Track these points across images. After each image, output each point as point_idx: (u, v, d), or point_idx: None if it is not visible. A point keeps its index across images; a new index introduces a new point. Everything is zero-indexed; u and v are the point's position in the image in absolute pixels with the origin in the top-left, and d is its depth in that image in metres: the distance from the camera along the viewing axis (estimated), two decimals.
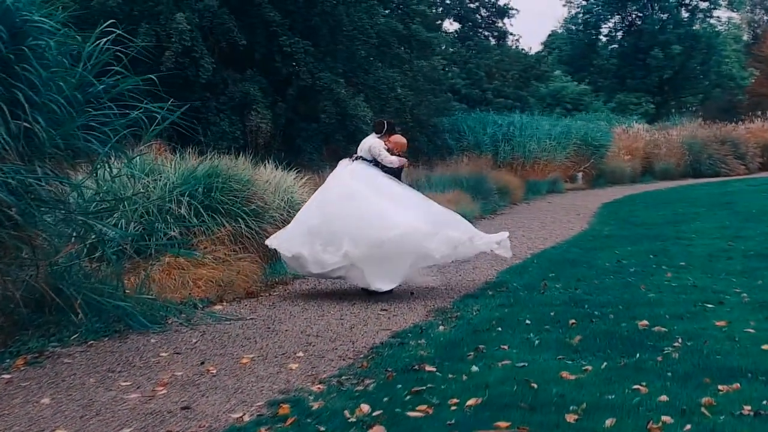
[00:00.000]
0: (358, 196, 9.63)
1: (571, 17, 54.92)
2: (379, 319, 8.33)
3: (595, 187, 29.82)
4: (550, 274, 10.46)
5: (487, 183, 21.54)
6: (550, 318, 7.73)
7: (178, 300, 9.19)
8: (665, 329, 7.03)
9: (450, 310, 8.60)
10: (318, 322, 8.22)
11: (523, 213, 20.80)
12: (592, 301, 8.52)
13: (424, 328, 7.71)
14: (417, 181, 20.55)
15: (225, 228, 10.74)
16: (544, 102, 43.42)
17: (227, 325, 8.19)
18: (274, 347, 7.18)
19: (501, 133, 29.57)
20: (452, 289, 9.96)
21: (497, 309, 8.40)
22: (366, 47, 21.87)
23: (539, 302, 8.60)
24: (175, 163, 11.35)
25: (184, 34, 18.55)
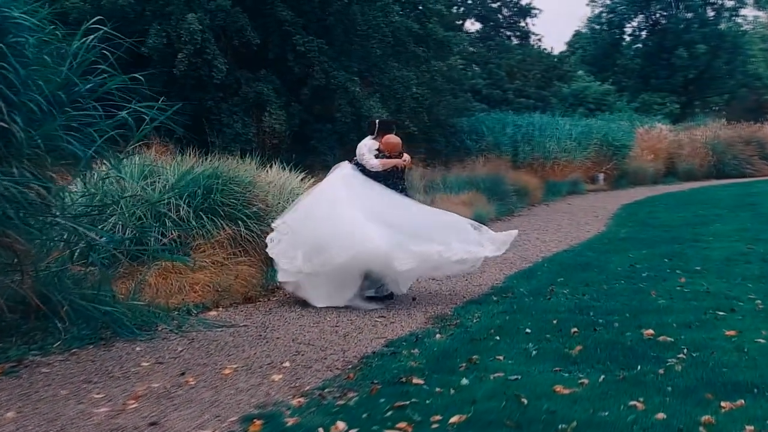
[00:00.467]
0: (329, 208, 9.33)
1: (594, 16, 54.35)
2: (375, 326, 8.02)
3: (616, 188, 29.32)
4: (558, 279, 10.10)
5: (503, 184, 21.17)
6: (552, 326, 7.39)
7: (173, 305, 8.96)
8: (671, 339, 6.67)
9: (450, 317, 8.28)
10: (312, 330, 7.92)
11: (540, 214, 20.41)
12: (599, 308, 8.16)
13: (420, 336, 7.39)
14: (432, 183, 20.30)
15: (224, 231, 10.43)
16: (567, 102, 42.93)
17: (218, 332, 7.90)
18: (262, 356, 6.88)
19: (521, 133, 29.19)
20: (456, 294, 9.64)
21: (499, 316, 8.06)
22: (381, 46, 21.54)
23: (543, 309, 8.25)
24: (174, 164, 11.04)
25: (196, 35, 18.32)
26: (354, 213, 9.02)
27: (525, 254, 12.80)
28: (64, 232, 7.89)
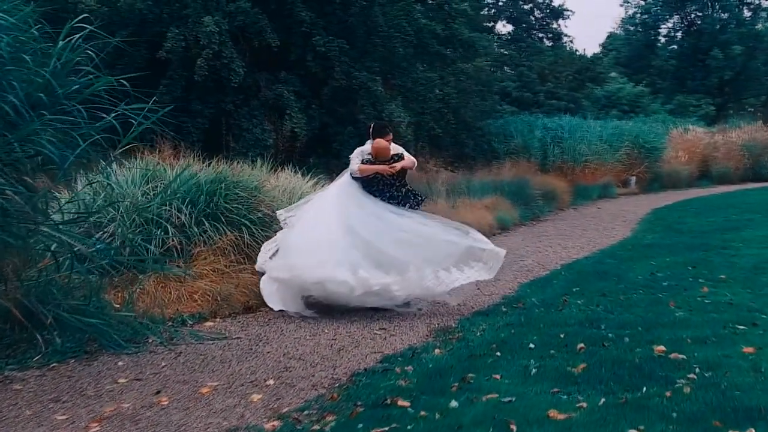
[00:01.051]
0: (313, 214, 9.29)
1: (628, 17, 53.58)
2: (374, 339, 7.61)
3: (648, 191, 28.70)
4: (574, 289, 9.64)
5: (529, 188, 20.65)
6: (559, 341, 6.93)
7: (168, 315, 8.61)
8: (683, 356, 6.19)
9: (453, 329, 7.85)
10: (307, 343, 7.52)
11: (567, 219, 19.90)
12: (611, 321, 7.69)
13: (418, 351, 6.98)
14: (456, 186, 19.84)
15: (227, 237, 10.06)
16: (600, 104, 42.32)
17: (209, 345, 7.53)
18: (246, 373, 6.49)
19: (550, 136, 28.67)
20: (465, 304, 9.20)
21: (504, 329, 7.62)
22: (404, 46, 21.09)
23: (552, 322, 7.79)
24: (177, 169, 10.69)
25: (213, 37, 18.00)
26: (325, 228, 8.91)
27: (544, 261, 12.33)
28: (50, 241, 7.54)
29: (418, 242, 8.85)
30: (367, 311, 8.72)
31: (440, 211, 16.36)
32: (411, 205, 9.25)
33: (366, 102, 20.59)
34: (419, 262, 8.66)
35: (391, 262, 8.65)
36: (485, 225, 16.39)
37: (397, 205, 9.15)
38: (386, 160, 9.19)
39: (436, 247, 8.86)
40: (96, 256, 7.95)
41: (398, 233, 8.88)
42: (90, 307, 7.75)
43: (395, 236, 8.85)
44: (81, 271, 7.67)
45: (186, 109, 19.15)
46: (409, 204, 9.23)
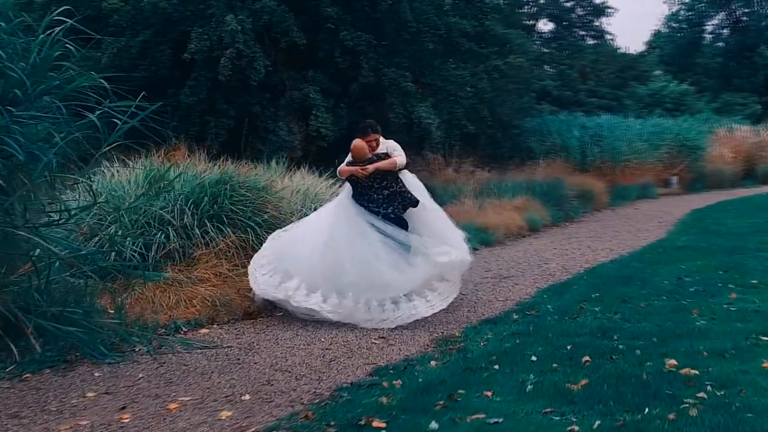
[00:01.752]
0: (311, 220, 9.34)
1: (671, 15, 52.47)
2: (370, 350, 7.14)
3: (690, 191, 27.89)
4: (594, 294, 9.09)
5: (563, 188, 19.99)
6: (564, 353, 6.41)
7: (163, 322, 8.23)
8: (696, 372, 5.64)
9: (457, 339, 7.36)
10: (299, 353, 7.08)
11: (602, 220, 19.26)
12: (626, 331, 7.15)
13: (413, 363, 6.50)
14: (485, 187, 19.32)
15: (230, 239, 9.65)
16: (643, 103, 41.36)
17: (197, 354, 7.13)
18: (225, 386, 6.06)
19: (588, 134, 27.98)
20: (476, 310, 8.72)
21: (509, 339, 7.11)
22: (433, 42, 20.53)
23: (563, 331, 7.26)
24: (181, 169, 10.30)
25: (237, 36, 17.63)
26: (309, 241, 8.75)
27: (568, 264, 11.77)
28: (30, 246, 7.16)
29: (369, 269, 8.36)
30: None
31: (466, 212, 15.90)
32: (395, 209, 8.67)
33: (395, 100, 20.08)
34: (360, 290, 8.26)
35: (347, 285, 8.29)
36: (513, 227, 15.90)
37: (377, 208, 8.66)
38: (363, 161, 8.71)
39: (379, 277, 8.34)
40: (78, 261, 7.51)
41: (365, 254, 8.42)
42: (78, 314, 7.36)
43: (361, 258, 8.40)
44: (60, 277, 7.26)
45: (211, 110, 18.84)
46: (393, 208, 8.66)
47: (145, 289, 8.85)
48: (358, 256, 8.29)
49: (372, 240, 8.38)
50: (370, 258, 8.29)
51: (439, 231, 8.79)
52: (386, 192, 8.67)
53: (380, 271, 8.25)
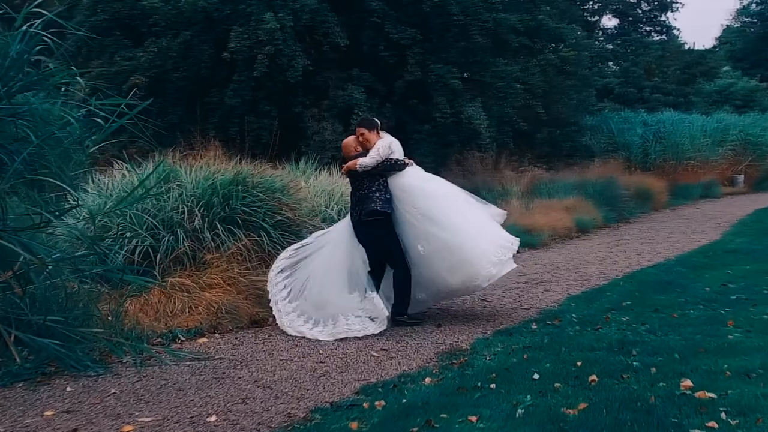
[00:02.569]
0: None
1: (743, 8, 50.82)
2: (367, 363, 6.59)
3: (757, 190, 26.87)
4: (625, 303, 8.43)
5: (617, 188, 19.18)
6: (571, 371, 5.78)
7: (161, 330, 7.81)
8: (712, 395, 4.97)
9: (464, 351, 6.78)
10: (289, 366, 6.57)
11: (658, 221, 18.47)
12: (648, 345, 6.49)
13: (406, 380, 5.94)
14: (537, 187, 18.66)
15: (241, 243, 9.16)
16: (710, 99, 40.04)
17: (184, 367, 6.67)
18: (197, 404, 5.57)
19: (651, 132, 27.09)
20: (495, 318, 8.14)
21: (518, 353, 6.49)
22: (482, 35, 19.85)
23: (578, 345, 6.63)
24: (194, 169, 9.85)
25: (275, 34, 17.23)
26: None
27: (608, 268, 11.09)
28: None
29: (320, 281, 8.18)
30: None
31: (512, 213, 15.22)
32: (360, 214, 8.09)
33: (442, 99, 19.50)
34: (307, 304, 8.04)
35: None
36: (561, 228, 15.24)
37: (353, 211, 8.28)
38: (349, 158, 8.27)
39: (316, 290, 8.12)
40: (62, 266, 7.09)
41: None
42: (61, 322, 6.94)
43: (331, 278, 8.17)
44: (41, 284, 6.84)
45: (254, 111, 18.50)
46: (359, 213, 8.12)
47: (151, 295, 8.45)
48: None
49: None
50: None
51: (445, 245, 7.89)
52: (358, 194, 8.18)
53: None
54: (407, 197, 8.03)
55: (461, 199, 8.31)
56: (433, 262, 7.86)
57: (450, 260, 7.81)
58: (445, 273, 7.85)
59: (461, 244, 7.83)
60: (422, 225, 7.91)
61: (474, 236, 7.97)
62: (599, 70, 35.89)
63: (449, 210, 8.06)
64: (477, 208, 8.36)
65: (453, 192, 8.38)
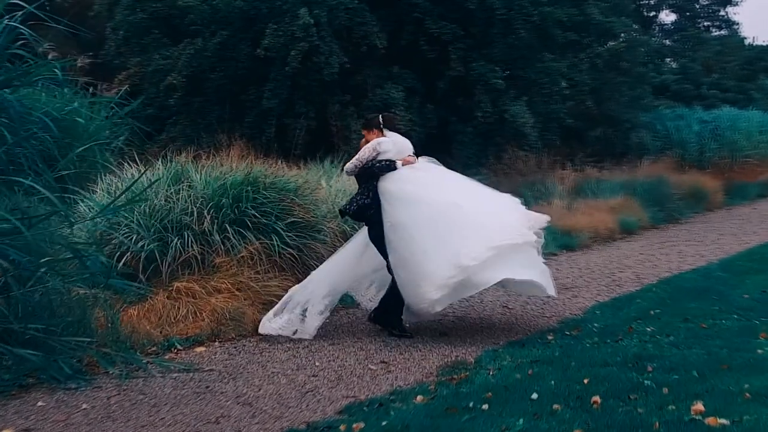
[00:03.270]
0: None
1: None
2: (361, 378, 6.13)
3: None
4: (654, 311, 7.87)
5: (666, 187, 18.43)
6: (576, 390, 5.26)
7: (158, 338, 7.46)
8: (724, 421, 4.42)
9: (467, 365, 6.29)
10: (280, 380, 6.14)
11: (710, 222, 17.70)
12: (666, 360, 5.93)
13: (396, 398, 5.48)
14: (582, 186, 18.04)
15: (252, 246, 8.77)
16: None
17: (169, 380, 6.30)
18: (165, 424, 5.18)
19: (708, 129, 26.19)
20: (511, 329, 7.63)
21: (525, 367, 5.97)
22: (526, 30, 19.21)
23: (590, 360, 6.08)
24: (206, 170, 9.48)
25: (310, 30, 16.82)
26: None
27: (645, 272, 10.51)
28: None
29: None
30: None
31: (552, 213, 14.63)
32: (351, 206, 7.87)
33: (484, 98, 18.90)
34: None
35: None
36: (604, 229, 14.62)
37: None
38: None
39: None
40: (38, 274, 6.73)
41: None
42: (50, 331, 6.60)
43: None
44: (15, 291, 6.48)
45: (290, 111, 18.13)
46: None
47: (156, 300, 8.12)
48: None
49: None
50: None
51: (401, 258, 7.31)
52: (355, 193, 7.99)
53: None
54: (384, 201, 7.55)
55: (450, 204, 7.45)
56: (396, 274, 7.34)
57: (402, 276, 7.27)
58: (400, 288, 7.31)
59: (411, 260, 7.22)
60: (389, 233, 7.39)
61: (431, 251, 7.17)
62: (656, 66, 34.96)
63: (418, 218, 7.34)
64: (479, 214, 7.44)
65: (441, 198, 7.55)
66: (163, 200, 9.08)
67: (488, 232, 7.17)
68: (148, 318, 7.95)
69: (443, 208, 7.37)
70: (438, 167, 8.08)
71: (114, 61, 20.66)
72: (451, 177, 8.03)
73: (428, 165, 7.97)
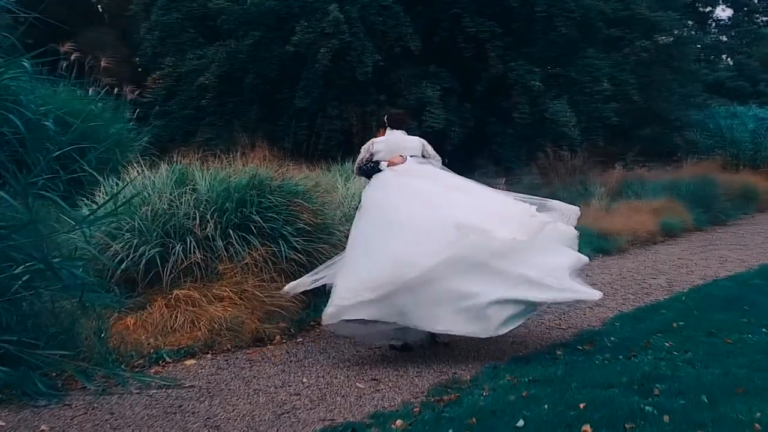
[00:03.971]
0: None
1: None
2: (346, 398, 5.69)
3: None
4: (678, 323, 7.30)
5: (712, 188, 17.70)
6: (567, 417, 4.73)
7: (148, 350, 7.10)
8: None
9: (461, 384, 5.81)
10: (259, 399, 5.73)
11: (758, 224, 17.15)
12: (677, 381, 5.37)
13: (373, 423, 5.02)
14: (624, 187, 17.43)
15: (258, 252, 8.36)
16: None
17: (145, 397, 5.92)
18: None
19: (764, 127, 25.40)
20: (522, 341, 7.14)
21: (520, 388, 5.46)
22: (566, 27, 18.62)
23: (595, 379, 5.54)
24: (210, 173, 9.09)
25: (341, 26, 16.46)
26: None
27: (679, 279, 9.96)
28: None
29: None
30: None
31: (589, 215, 14.08)
32: None
33: (522, 99, 18.36)
34: None
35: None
36: (642, 232, 14.04)
37: None
38: None
39: None
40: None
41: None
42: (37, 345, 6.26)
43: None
44: None
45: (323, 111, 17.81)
46: None
47: (154, 308, 7.78)
48: None
49: None
50: None
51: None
52: None
53: None
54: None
55: (393, 222, 6.74)
56: None
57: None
58: None
59: (344, 264, 6.84)
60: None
61: (355, 262, 6.73)
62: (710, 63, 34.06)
63: (365, 227, 6.92)
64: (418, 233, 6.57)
65: (392, 211, 6.87)
66: (166, 204, 8.72)
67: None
68: (144, 327, 7.63)
69: (384, 223, 6.75)
70: (426, 168, 7.42)
71: (143, 62, 20.59)
72: (433, 182, 7.32)
73: (416, 167, 7.34)
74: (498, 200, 7.11)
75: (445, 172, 7.41)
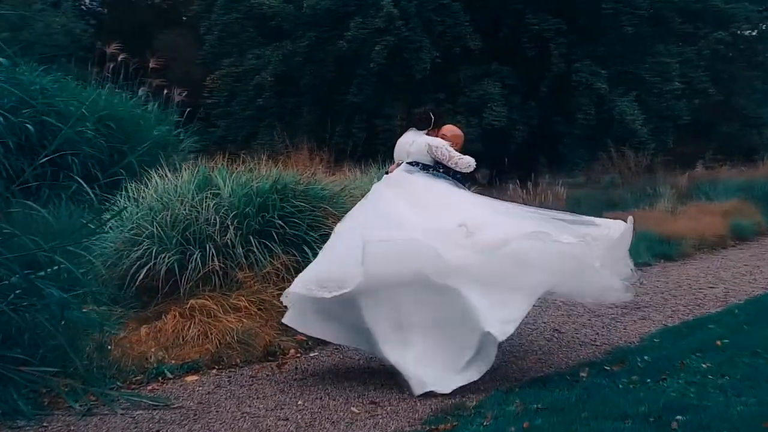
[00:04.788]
0: None
1: None
2: (335, 425, 5.22)
3: None
4: (722, 341, 6.61)
5: None
6: None
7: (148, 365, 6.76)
8: None
9: (463, 411, 5.28)
10: (241, 424, 5.29)
11: None
12: (701, 412, 4.72)
13: None
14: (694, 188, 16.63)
15: (280, 260, 7.94)
16: None
17: (128, 418, 5.55)
18: None
19: None
20: (546, 359, 6.66)
21: (523, 417, 4.90)
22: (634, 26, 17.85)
23: (611, 408, 4.93)
24: (234, 176, 8.69)
25: (395, 22, 16.00)
26: None
27: (737, 289, 9.29)
28: None
29: None
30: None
31: (652, 218, 13.40)
32: None
33: (586, 101, 17.64)
34: None
35: None
36: (710, 236, 13.28)
37: None
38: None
39: None
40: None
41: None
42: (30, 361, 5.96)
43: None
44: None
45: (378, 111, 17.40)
46: None
47: (168, 318, 7.43)
48: None
49: None
50: None
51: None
52: None
53: None
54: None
55: (389, 221, 6.38)
56: None
57: None
58: None
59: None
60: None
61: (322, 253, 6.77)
62: None
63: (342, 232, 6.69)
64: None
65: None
66: (187, 209, 8.35)
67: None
68: (155, 339, 7.34)
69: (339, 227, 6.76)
70: (407, 179, 6.80)
71: (206, 60, 20.51)
72: (398, 198, 6.69)
73: (399, 177, 6.77)
74: (475, 222, 6.32)
75: (430, 185, 6.72)
